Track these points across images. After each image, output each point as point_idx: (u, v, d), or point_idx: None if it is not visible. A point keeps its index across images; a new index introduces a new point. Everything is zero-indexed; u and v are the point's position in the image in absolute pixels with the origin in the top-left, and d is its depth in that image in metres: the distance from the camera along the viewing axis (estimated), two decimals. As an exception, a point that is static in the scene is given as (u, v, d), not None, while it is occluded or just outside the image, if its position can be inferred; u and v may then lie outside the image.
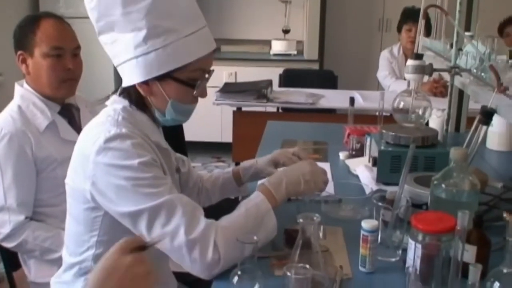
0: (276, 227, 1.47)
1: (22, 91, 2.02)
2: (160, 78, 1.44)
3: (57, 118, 2.01)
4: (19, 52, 2.00)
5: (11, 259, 1.98)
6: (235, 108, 4.10)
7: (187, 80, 1.46)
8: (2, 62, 4.59)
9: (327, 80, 4.90)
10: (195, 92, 1.48)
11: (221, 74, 5.31)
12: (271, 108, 4.20)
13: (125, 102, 1.50)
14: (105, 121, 1.46)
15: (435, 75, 3.40)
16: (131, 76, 1.46)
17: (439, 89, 3.98)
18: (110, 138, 1.39)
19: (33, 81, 2.01)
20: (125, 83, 1.49)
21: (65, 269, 1.57)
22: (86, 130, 1.50)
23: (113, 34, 1.45)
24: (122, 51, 1.45)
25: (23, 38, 1.99)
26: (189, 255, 1.34)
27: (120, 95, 1.53)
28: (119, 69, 1.49)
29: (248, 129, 3.91)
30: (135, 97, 1.51)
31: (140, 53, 1.42)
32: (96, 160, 1.38)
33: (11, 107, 1.99)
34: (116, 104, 1.50)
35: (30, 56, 1.98)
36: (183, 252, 1.35)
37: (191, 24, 1.44)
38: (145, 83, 1.46)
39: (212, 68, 1.54)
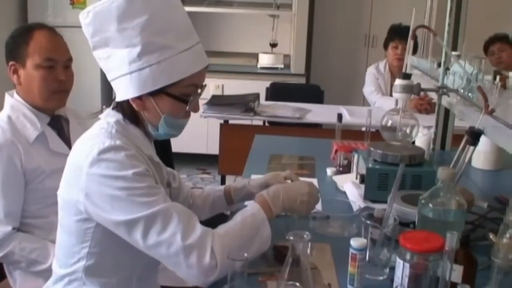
0: (270, 238, 1.49)
1: (12, 102, 2.02)
2: (154, 94, 1.46)
3: (46, 129, 2.00)
4: (11, 63, 2.00)
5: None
6: (222, 121, 4.11)
7: (180, 96, 1.48)
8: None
9: (314, 94, 4.93)
10: (188, 107, 1.50)
11: (208, 86, 5.27)
12: (258, 121, 4.22)
13: (119, 116, 1.52)
14: (98, 133, 1.47)
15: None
16: (125, 91, 1.47)
17: (424, 106, 4.02)
18: (104, 150, 1.40)
19: (24, 91, 2.01)
20: (119, 98, 1.50)
21: (55, 281, 1.57)
22: (79, 142, 1.50)
23: (107, 49, 1.46)
24: (116, 66, 1.46)
25: (15, 49, 1.98)
26: (186, 260, 1.35)
27: (113, 109, 1.54)
28: (113, 84, 1.50)
29: (235, 141, 3.93)
30: (128, 111, 1.52)
31: (135, 68, 1.43)
32: (90, 172, 1.39)
33: (1, 117, 1.98)
34: (109, 118, 1.51)
35: (22, 66, 1.98)
36: (180, 258, 1.36)
37: (185, 41, 1.46)
38: (139, 98, 1.47)
39: (204, 83, 1.56)
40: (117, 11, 1.41)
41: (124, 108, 1.52)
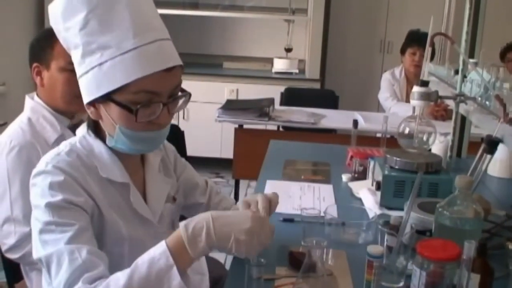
0: (183, 287, 1.17)
1: (32, 104, 2.04)
2: (102, 100, 1.30)
3: (66, 132, 2.02)
4: (34, 65, 2.02)
5: (14, 271, 1.98)
6: (236, 125, 4.12)
7: (128, 104, 1.27)
8: (6, 72, 4.62)
9: (328, 99, 4.93)
10: (136, 118, 1.28)
11: (222, 90, 5.36)
12: (272, 126, 4.22)
13: (85, 129, 1.41)
14: (54, 150, 1.38)
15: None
16: (83, 97, 1.35)
17: (440, 113, 4.01)
18: (36, 174, 1.32)
19: (46, 94, 2.02)
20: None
21: None
22: None
23: (71, 51, 1.35)
24: (76, 69, 1.35)
25: (40, 51, 2.01)
26: None
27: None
28: None
29: (249, 146, 3.93)
30: (90, 121, 1.41)
31: (82, 72, 1.31)
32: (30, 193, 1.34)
33: (21, 119, 2.00)
34: (81, 130, 1.43)
35: (46, 69, 2.00)
36: None
37: (133, 39, 1.26)
38: (92, 105, 1.34)
39: (186, 90, 1.36)
40: (61, 9, 1.31)
41: (88, 117, 1.40)
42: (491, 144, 1.78)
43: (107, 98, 1.28)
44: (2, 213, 1.89)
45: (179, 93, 1.36)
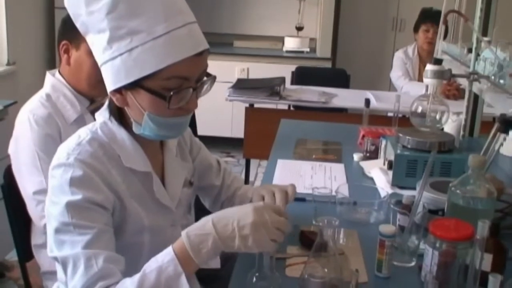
0: None
1: (53, 81, 2.02)
2: (131, 87, 1.25)
3: (86, 113, 2.01)
4: (63, 42, 1.99)
5: (25, 250, 1.99)
6: (247, 104, 4.11)
7: (160, 90, 1.24)
8: (16, 52, 4.63)
9: (340, 78, 4.90)
10: (168, 105, 1.24)
11: (233, 70, 5.34)
12: (283, 105, 4.21)
13: (107, 115, 1.36)
14: (74, 137, 1.32)
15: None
16: (106, 84, 1.30)
17: (452, 92, 3.97)
18: (56, 166, 1.27)
19: (71, 73, 2.01)
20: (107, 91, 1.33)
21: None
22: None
23: (89, 35, 1.30)
24: (97, 55, 1.30)
25: (72, 29, 1.96)
26: None
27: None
28: None
29: (260, 125, 3.93)
30: (114, 108, 1.35)
31: (107, 58, 1.25)
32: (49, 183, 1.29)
33: (41, 95, 1.99)
34: (101, 116, 1.37)
35: (75, 48, 1.98)
36: None
37: (164, 23, 1.22)
38: (119, 92, 1.28)
39: (212, 74, 1.32)
40: None
41: (111, 104, 1.35)
42: (506, 123, 1.76)
43: (136, 84, 1.24)
44: (36, 184, 1.87)
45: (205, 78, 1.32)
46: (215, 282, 1.75)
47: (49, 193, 1.27)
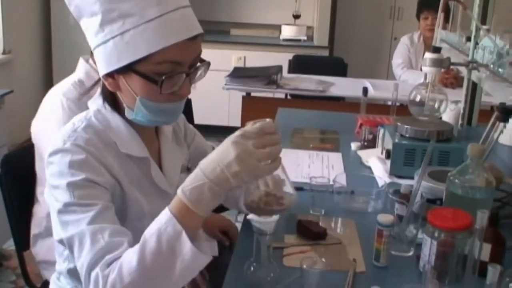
0: (195, 252, 1.12)
1: (87, 68, 1.98)
2: (123, 71, 1.24)
3: None
4: None
5: (22, 239, 1.98)
6: (244, 93, 4.09)
7: (151, 75, 1.22)
8: (11, 40, 4.60)
9: (337, 67, 4.88)
10: (160, 89, 1.22)
11: (230, 58, 5.31)
12: (280, 94, 4.19)
13: (100, 102, 1.35)
14: (69, 125, 1.31)
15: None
16: (98, 68, 1.29)
17: (450, 80, 3.96)
18: (52, 152, 1.26)
19: None
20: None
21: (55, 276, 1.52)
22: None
23: (83, 20, 1.28)
24: (89, 39, 1.28)
25: None
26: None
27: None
28: None
29: (257, 114, 3.86)
30: (107, 93, 1.33)
31: (100, 41, 1.24)
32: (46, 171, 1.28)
33: (73, 79, 1.96)
34: (94, 104, 1.36)
35: None
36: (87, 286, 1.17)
37: (156, 6, 1.20)
38: (111, 76, 1.27)
39: (207, 60, 1.30)
40: None
41: (104, 89, 1.33)
42: (505, 112, 1.75)
43: (128, 68, 1.22)
44: None
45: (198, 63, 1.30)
46: (212, 271, 1.74)
47: (48, 182, 1.26)
